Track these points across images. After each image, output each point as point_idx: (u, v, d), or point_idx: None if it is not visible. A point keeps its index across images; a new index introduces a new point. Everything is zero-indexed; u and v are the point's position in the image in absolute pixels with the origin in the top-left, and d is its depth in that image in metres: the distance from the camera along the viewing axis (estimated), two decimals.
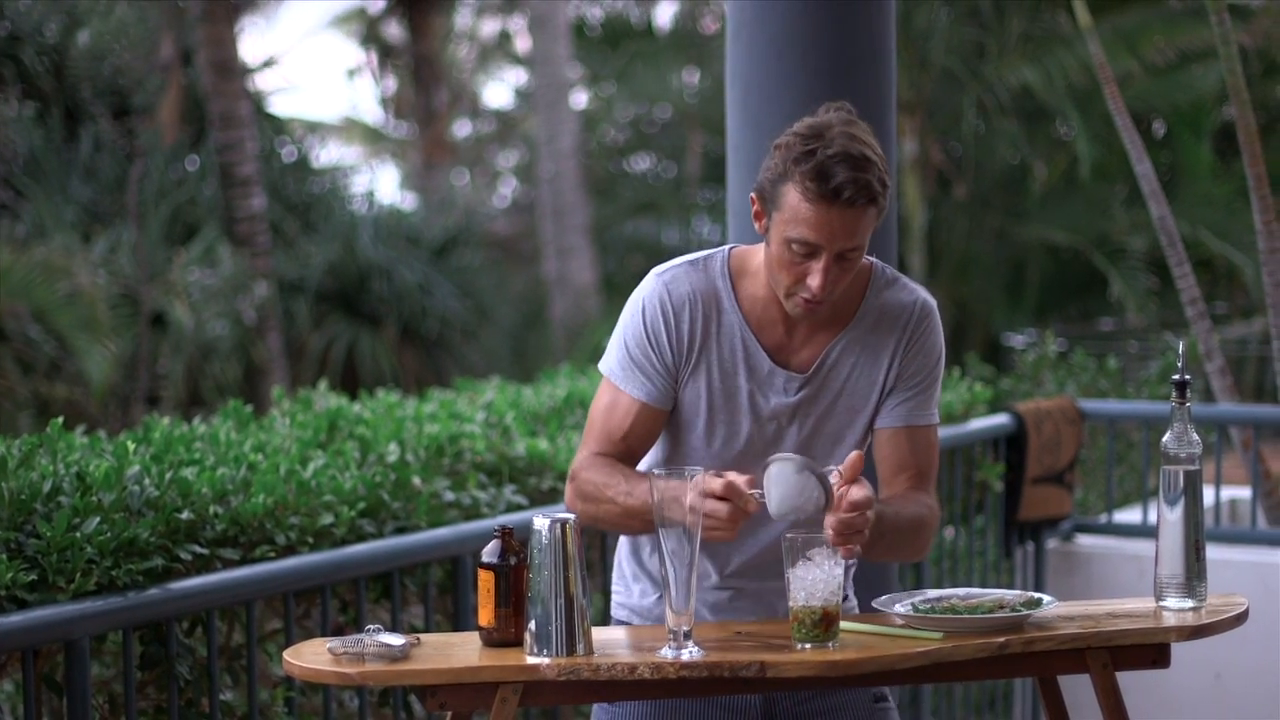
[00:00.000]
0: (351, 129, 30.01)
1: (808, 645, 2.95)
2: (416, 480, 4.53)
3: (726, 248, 3.33)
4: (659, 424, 3.28)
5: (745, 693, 3.18)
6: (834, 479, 2.99)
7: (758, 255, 3.27)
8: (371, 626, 2.99)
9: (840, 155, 3.04)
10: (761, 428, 3.26)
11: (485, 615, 3.00)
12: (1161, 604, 3.16)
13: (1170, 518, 3.17)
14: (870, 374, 3.28)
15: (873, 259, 3.32)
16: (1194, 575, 3.16)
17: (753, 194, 3.18)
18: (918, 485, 3.30)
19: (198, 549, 3.82)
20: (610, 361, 3.30)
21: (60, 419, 4.18)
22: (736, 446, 3.26)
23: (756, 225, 3.18)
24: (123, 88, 17.84)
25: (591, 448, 3.29)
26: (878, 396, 3.29)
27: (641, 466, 3.32)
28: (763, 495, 2.99)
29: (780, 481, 2.97)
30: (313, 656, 2.97)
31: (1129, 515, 7.26)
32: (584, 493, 3.23)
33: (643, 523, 3.13)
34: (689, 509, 2.92)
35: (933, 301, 3.34)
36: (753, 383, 3.25)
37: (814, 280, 3.10)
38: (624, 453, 3.28)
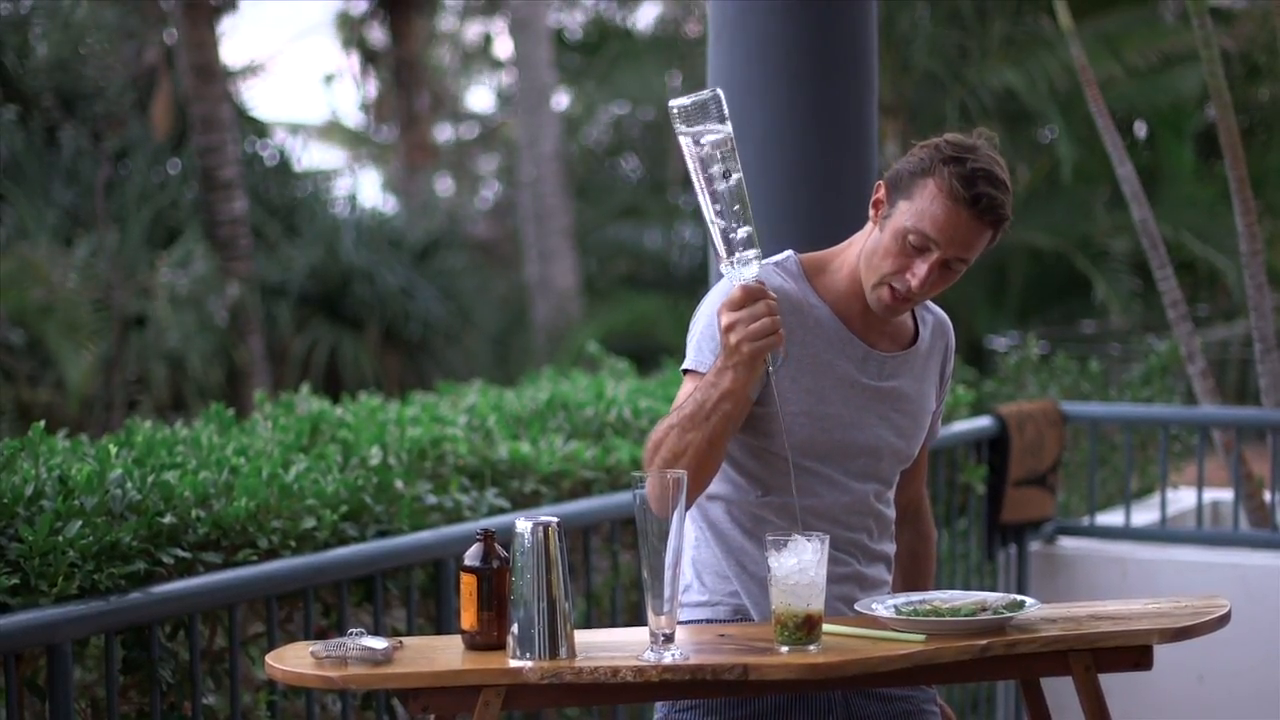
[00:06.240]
0: (334, 132, 29.97)
1: (788, 648, 2.95)
2: (399, 483, 4.52)
3: (788, 253, 3.36)
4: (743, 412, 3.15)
5: (729, 695, 3.18)
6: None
7: (831, 258, 3.35)
8: (354, 630, 2.98)
9: (986, 172, 3.18)
10: (853, 402, 3.29)
11: (468, 618, 3.00)
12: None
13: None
14: (931, 379, 3.43)
15: None
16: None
17: (882, 180, 3.25)
18: (921, 496, 3.61)
19: (180, 552, 3.82)
20: (692, 358, 3.26)
21: (42, 423, 4.17)
22: (829, 421, 3.26)
23: (873, 212, 3.25)
24: (98, 91, 17.78)
25: None
26: (933, 405, 3.44)
27: (726, 486, 3.29)
28: None
29: None
30: (295, 660, 2.97)
31: (1111, 518, 7.27)
32: (653, 445, 3.12)
33: (709, 432, 3.07)
34: (728, 345, 2.99)
35: None
36: (849, 362, 3.29)
37: (916, 275, 3.18)
38: None
